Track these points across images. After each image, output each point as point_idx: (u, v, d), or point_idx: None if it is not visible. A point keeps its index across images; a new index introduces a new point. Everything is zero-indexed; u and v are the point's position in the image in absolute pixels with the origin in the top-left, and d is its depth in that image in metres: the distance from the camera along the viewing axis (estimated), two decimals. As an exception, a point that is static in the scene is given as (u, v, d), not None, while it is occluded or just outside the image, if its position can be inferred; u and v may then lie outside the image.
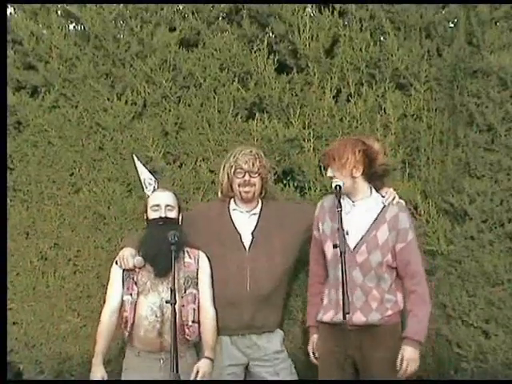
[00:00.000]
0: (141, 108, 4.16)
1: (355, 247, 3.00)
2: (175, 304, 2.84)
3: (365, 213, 3.02)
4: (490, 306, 3.68)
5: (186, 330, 3.14)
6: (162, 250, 3.03)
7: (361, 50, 4.00)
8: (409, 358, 2.93)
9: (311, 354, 3.18)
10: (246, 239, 3.31)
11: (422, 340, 2.99)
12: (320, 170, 3.97)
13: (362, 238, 3.00)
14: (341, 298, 2.89)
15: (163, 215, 3.19)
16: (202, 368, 3.09)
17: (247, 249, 3.28)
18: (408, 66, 3.96)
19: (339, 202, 2.92)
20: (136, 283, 3.16)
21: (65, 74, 4.18)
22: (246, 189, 3.28)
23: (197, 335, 3.19)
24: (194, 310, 3.17)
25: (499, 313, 3.67)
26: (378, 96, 4.00)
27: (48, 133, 4.18)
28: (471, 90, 3.78)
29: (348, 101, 4.03)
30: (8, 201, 4.12)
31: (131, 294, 3.16)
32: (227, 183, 3.33)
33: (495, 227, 3.72)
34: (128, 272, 3.18)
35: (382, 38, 4.04)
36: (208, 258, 3.26)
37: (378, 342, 2.94)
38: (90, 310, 4.04)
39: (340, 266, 2.86)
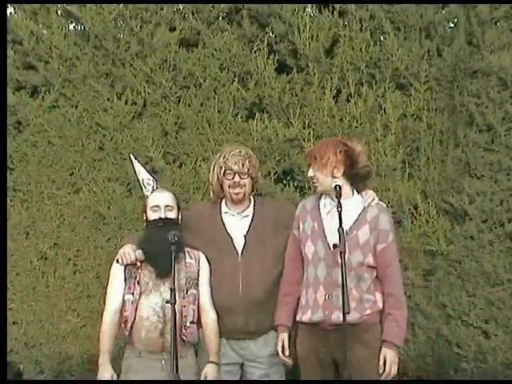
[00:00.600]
0: (141, 108, 4.19)
1: (336, 247, 2.92)
2: (175, 304, 2.80)
3: (346, 213, 2.97)
4: (490, 306, 3.70)
5: (184, 331, 3.10)
6: (163, 250, 2.98)
7: (361, 50, 4.03)
8: (392, 360, 2.96)
9: (280, 354, 3.12)
10: (239, 243, 3.24)
11: (401, 345, 3.04)
12: None
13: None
14: (319, 297, 2.96)
15: (163, 216, 3.15)
16: (210, 374, 3.10)
17: (239, 253, 3.22)
18: (408, 66, 4.00)
19: (339, 201, 2.90)
20: (138, 283, 3.12)
21: (65, 74, 4.20)
22: (236, 190, 3.21)
23: (195, 336, 3.17)
24: (194, 310, 3.14)
25: (499, 313, 3.69)
26: (377, 96, 4.02)
27: (48, 133, 4.19)
28: (471, 90, 3.80)
29: (348, 101, 4.04)
30: (8, 201, 4.13)
31: (133, 294, 3.12)
32: (217, 184, 3.25)
33: (495, 227, 3.73)
34: (130, 271, 3.15)
35: (381, 38, 4.08)
36: (207, 259, 3.23)
37: (357, 340, 2.93)
38: (90, 310, 4.07)
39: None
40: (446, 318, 3.76)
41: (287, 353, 3.11)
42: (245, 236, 3.24)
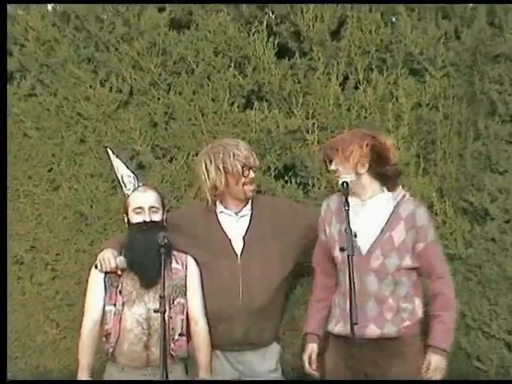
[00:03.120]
0: (127, 96, 4.17)
1: (368, 251, 2.98)
2: (165, 313, 2.83)
3: (376, 212, 3.01)
4: (514, 315, 3.68)
5: (172, 345, 3.11)
6: (148, 257, 3.01)
7: (370, 32, 4.01)
8: (436, 367, 2.95)
9: (307, 364, 3.14)
10: (237, 244, 3.24)
11: (449, 349, 3.01)
12: (326, 164, 3.82)
13: (375, 241, 2.97)
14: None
15: (148, 219, 3.16)
16: None
17: (238, 255, 3.23)
18: (423, 49, 3.98)
19: (346, 200, 2.91)
20: (120, 292, 3.15)
21: (42, 59, 4.20)
22: (252, 187, 3.25)
23: (184, 349, 3.17)
24: (183, 321, 3.15)
25: (524, 323, 3.66)
26: (389, 83, 4.01)
27: (24, 123, 4.20)
28: (493, 76, 3.78)
29: (356, 88, 4.03)
30: (-20, 199, 4.11)
31: (115, 305, 3.14)
32: (225, 184, 3.22)
33: (519, 228, 3.70)
34: (111, 279, 3.18)
35: (393, 19, 4.08)
36: (197, 263, 3.24)
37: (395, 355, 2.94)
38: (71, 320, 4.06)
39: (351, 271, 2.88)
40: (465, 329, 3.73)
41: (314, 366, 3.12)
42: (243, 237, 3.25)
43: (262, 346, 3.26)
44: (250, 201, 3.30)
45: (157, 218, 3.18)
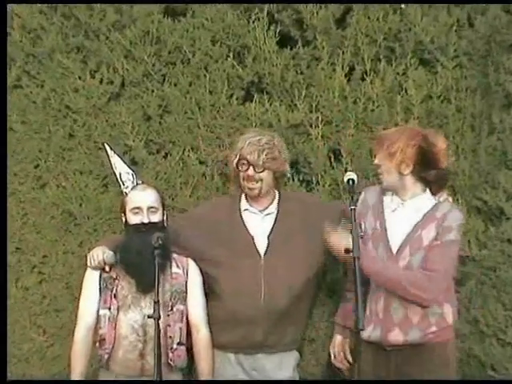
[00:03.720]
0: (118, 88, 4.14)
1: (398, 250, 3.02)
2: (159, 319, 2.84)
3: (414, 212, 3.04)
4: (531, 321, 3.66)
5: (170, 354, 3.11)
6: (146, 260, 3.00)
7: (378, 19, 3.99)
8: (334, 234, 2.93)
9: (332, 356, 3.28)
10: (261, 244, 3.27)
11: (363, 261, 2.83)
12: (330, 160, 3.97)
13: (405, 239, 3.01)
14: (379, 310, 3.00)
15: (146, 220, 3.17)
16: None
17: (262, 255, 3.25)
18: (434, 38, 3.96)
19: (353, 198, 2.92)
20: (115, 296, 3.16)
21: (28, 48, 4.17)
22: (250, 185, 3.24)
23: (183, 359, 3.17)
24: (181, 329, 3.15)
25: (542, 330, 3.65)
26: (398, 74, 3.99)
27: (9, 117, 4.11)
28: (508, 66, 3.75)
29: (363, 79, 4.00)
30: (-38, 197, 4.07)
31: (109, 309, 3.15)
32: (234, 176, 3.34)
33: (536, 228, 3.68)
34: (105, 281, 3.19)
35: (402, 6, 4.04)
36: (198, 266, 3.26)
37: (422, 363, 2.96)
38: (59, 327, 4.03)
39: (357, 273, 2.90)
40: (479, 336, 3.71)
41: (340, 359, 3.26)
42: (268, 236, 3.30)
43: (279, 351, 3.28)
44: (277, 198, 3.34)
45: (156, 218, 3.18)
